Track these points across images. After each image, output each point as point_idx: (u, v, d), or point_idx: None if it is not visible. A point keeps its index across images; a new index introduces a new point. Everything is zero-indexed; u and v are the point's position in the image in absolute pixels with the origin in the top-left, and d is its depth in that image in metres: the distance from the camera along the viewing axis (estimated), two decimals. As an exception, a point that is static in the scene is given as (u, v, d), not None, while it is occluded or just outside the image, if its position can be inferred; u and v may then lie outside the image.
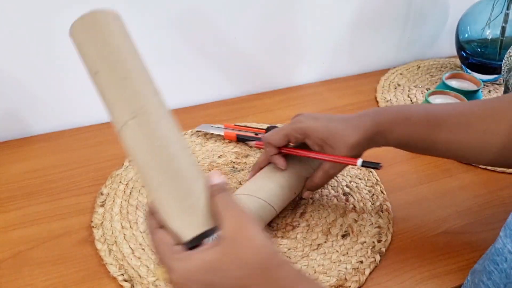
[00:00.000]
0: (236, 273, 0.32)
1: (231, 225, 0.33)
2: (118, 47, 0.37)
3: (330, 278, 0.51)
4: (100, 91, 0.37)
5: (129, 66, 0.37)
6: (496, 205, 0.61)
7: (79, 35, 0.37)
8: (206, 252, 0.33)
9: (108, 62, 0.37)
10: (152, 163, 0.36)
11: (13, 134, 0.73)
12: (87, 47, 0.37)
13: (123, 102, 0.36)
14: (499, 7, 0.83)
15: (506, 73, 0.71)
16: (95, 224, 0.57)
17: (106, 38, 0.37)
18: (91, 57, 0.37)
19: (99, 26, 0.37)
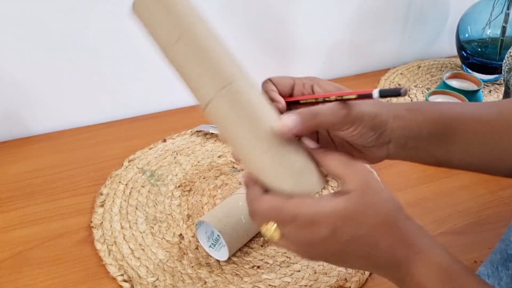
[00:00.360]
0: (369, 221, 0.32)
1: (356, 180, 0.33)
2: (191, 13, 0.35)
3: (330, 278, 0.51)
4: (180, 63, 0.35)
5: (205, 32, 0.35)
6: (497, 205, 0.61)
7: (147, 8, 0.35)
8: (335, 202, 0.32)
9: (187, 27, 0.35)
10: (254, 131, 0.34)
11: (12, 134, 0.73)
12: (159, 18, 0.35)
13: (211, 69, 0.34)
14: (499, 7, 0.82)
15: (506, 73, 0.71)
16: (95, 224, 0.57)
17: (177, 5, 0.35)
18: (166, 27, 0.35)
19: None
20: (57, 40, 0.68)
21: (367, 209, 0.32)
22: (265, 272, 0.51)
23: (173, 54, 0.35)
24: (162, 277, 0.50)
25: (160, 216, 0.58)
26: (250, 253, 0.54)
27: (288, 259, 0.53)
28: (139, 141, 0.72)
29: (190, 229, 0.56)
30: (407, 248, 0.32)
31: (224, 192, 0.62)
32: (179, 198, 0.61)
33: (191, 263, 0.52)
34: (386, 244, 0.32)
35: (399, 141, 0.39)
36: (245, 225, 0.52)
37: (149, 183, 0.63)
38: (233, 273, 0.51)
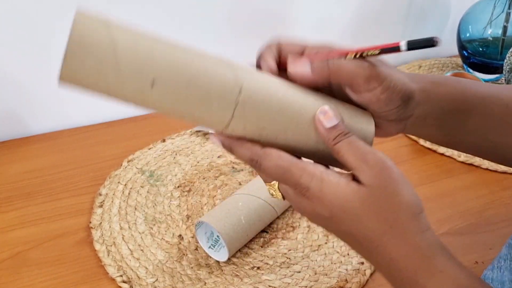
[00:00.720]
0: (369, 225, 0.30)
1: (370, 175, 0.29)
2: (144, 41, 0.28)
3: (331, 279, 0.50)
4: (170, 106, 0.29)
5: (178, 53, 0.29)
6: (498, 206, 0.61)
7: (85, 68, 0.27)
8: (344, 187, 0.30)
9: (157, 61, 0.28)
10: (283, 128, 0.32)
11: (11, 134, 0.73)
12: (109, 71, 0.27)
13: (212, 95, 0.29)
14: (500, 6, 0.82)
15: (507, 73, 0.71)
16: (94, 224, 0.56)
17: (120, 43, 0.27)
18: (129, 76, 0.27)
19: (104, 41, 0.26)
20: (57, 40, 0.68)
21: (373, 213, 0.29)
22: (265, 273, 0.51)
23: (153, 101, 0.29)
24: (162, 278, 0.50)
25: (159, 216, 0.58)
26: (250, 254, 0.53)
27: (288, 260, 0.53)
28: (138, 141, 0.71)
29: (190, 229, 0.56)
30: (419, 261, 0.29)
31: (224, 192, 0.62)
32: (178, 198, 0.61)
33: (190, 264, 0.52)
34: (393, 254, 0.30)
35: (420, 116, 0.35)
36: (245, 225, 0.52)
37: (148, 184, 0.63)
38: (233, 274, 0.51)
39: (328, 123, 0.31)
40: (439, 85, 0.36)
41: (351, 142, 0.31)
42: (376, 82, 0.31)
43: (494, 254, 0.51)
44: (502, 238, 0.55)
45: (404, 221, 0.30)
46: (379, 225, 0.30)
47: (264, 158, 0.32)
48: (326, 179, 0.30)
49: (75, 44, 0.26)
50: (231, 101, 0.30)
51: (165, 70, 0.28)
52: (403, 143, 0.73)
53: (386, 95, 0.32)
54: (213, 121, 0.31)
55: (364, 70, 0.31)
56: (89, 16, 0.27)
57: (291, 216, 0.58)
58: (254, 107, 0.31)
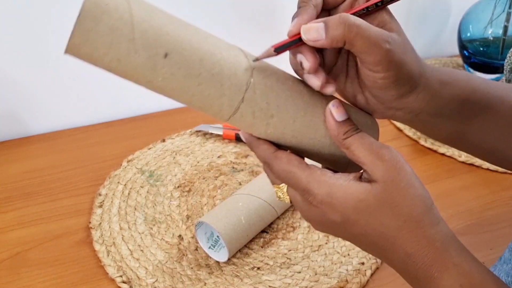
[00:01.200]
0: (385, 221, 0.29)
1: (383, 170, 0.29)
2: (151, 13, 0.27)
3: (331, 279, 0.50)
4: (176, 81, 0.28)
5: (189, 31, 0.28)
6: (499, 206, 0.60)
7: (96, 41, 0.26)
8: (355, 188, 0.30)
9: (174, 40, 0.27)
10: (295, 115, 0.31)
11: (10, 134, 0.73)
12: (122, 43, 0.26)
13: (222, 81, 0.28)
14: (501, 6, 0.82)
15: (508, 73, 0.70)
16: (93, 225, 0.56)
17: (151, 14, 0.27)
18: (141, 53, 0.26)
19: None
20: (56, 40, 0.68)
21: (386, 209, 0.29)
22: (265, 274, 0.51)
23: (163, 76, 0.28)
24: (161, 278, 0.50)
25: (159, 216, 0.58)
26: (250, 254, 0.53)
27: (288, 260, 0.53)
28: (138, 141, 0.71)
29: (190, 230, 0.56)
30: (434, 255, 0.29)
31: (224, 192, 0.62)
32: (178, 198, 0.61)
33: (190, 264, 0.52)
34: (409, 249, 0.30)
35: (412, 111, 0.33)
36: (245, 226, 0.51)
37: (148, 184, 0.63)
38: (233, 274, 0.51)
39: (339, 116, 0.31)
40: (447, 86, 0.34)
41: (363, 137, 0.30)
42: (382, 68, 0.30)
43: (495, 254, 0.51)
44: (503, 238, 0.55)
45: (418, 214, 0.29)
46: (394, 220, 0.29)
47: (274, 161, 0.32)
48: (336, 183, 0.30)
49: (90, 7, 0.25)
50: (243, 83, 0.29)
51: (180, 43, 0.27)
52: (404, 143, 0.72)
53: (385, 83, 0.31)
54: (223, 103, 0.29)
55: (376, 54, 0.29)
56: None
57: (291, 216, 0.58)
58: (264, 92, 0.30)
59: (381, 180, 0.29)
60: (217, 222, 0.50)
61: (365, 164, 0.30)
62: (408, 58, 0.31)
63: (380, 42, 0.29)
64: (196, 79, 0.28)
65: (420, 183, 0.31)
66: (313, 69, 0.30)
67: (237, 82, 0.29)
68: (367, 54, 0.29)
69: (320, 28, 0.29)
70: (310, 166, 0.31)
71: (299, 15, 0.30)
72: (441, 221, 0.31)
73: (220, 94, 0.29)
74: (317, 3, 0.31)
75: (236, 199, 0.54)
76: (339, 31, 0.28)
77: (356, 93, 0.34)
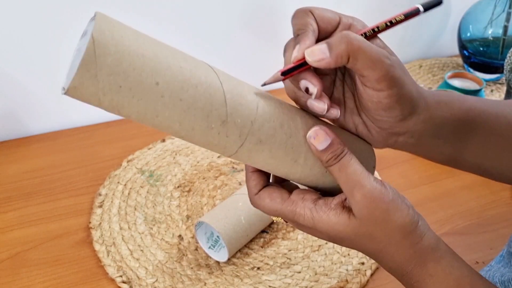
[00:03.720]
0: (366, 246, 0.32)
1: (357, 208, 0.30)
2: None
3: (331, 279, 0.50)
4: (174, 122, 0.28)
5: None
6: (499, 206, 0.60)
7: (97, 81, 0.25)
8: (335, 221, 0.31)
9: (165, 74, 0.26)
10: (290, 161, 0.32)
11: (10, 134, 0.73)
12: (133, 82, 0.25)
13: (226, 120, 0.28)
14: (501, 6, 0.82)
15: (508, 72, 0.70)
16: (93, 225, 0.56)
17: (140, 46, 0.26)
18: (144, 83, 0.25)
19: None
20: (56, 40, 0.68)
21: (367, 238, 0.31)
22: (265, 274, 0.51)
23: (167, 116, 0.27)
24: (161, 278, 0.50)
25: (159, 216, 0.58)
26: (250, 254, 0.53)
27: (288, 260, 0.53)
28: (138, 141, 0.71)
29: (190, 230, 0.56)
30: (413, 269, 0.32)
31: (224, 192, 0.62)
32: (178, 198, 0.60)
33: (190, 264, 0.51)
34: (390, 265, 0.32)
35: (413, 135, 0.34)
36: (245, 226, 0.51)
37: (148, 184, 0.63)
38: (233, 274, 0.51)
39: (320, 145, 0.31)
40: (444, 106, 0.34)
41: (341, 168, 0.31)
42: (385, 85, 0.30)
43: (495, 254, 0.51)
44: (503, 238, 0.55)
45: (396, 241, 0.31)
46: (374, 246, 0.32)
47: (258, 201, 0.33)
48: (316, 216, 0.32)
49: (96, 44, 0.24)
50: (243, 132, 0.29)
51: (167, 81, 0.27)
52: (404, 143, 0.72)
53: (389, 101, 0.31)
54: (215, 148, 0.30)
55: (385, 66, 0.29)
56: (107, 17, 0.26)
57: (291, 216, 0.58)
58: (262, 142, 0.30)
59: (358, 216, 0.31)
60: (217, 222, 0.50)
61: (345, 195, 0.32)
62: (406, 77, 0.31)
63: (382, 57, 0.29)
64: (210, 129, 0.28)
65: (401, 211, 0.31)
66: (320, 92, 0.31)
67: (227, 145, 0.29)
68: (370, 69, 0.29)
69: (324, 48, 0.29)
70: (293, 200, 0.32)
71: (301, 40, 0.31)
72: (424, 236, 0.32)
73: (227, 134, 0.29)
74: (314, 29, 0.32)
75: (236, 199, 0.53)
76: (343, 48, 0.29)
77: (356, 124, 0.34)
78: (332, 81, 0.35)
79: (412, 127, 0.33)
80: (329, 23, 0.32)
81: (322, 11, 0.32)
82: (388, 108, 0.31)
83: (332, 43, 0.29)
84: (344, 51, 0.29)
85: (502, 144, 0.37)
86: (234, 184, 0.63)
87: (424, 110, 0.33)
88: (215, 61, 0.91)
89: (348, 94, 0.34)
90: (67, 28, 0.68)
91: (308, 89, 0.31)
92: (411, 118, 0.32)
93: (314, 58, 0.29)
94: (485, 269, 0.47)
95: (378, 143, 0.35)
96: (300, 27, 0.31)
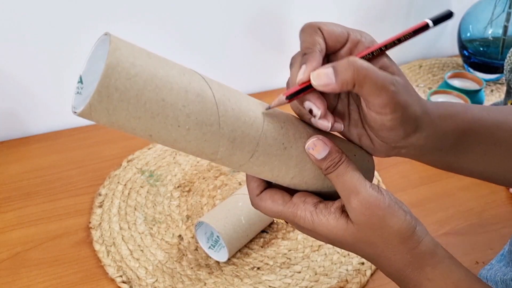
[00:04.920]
0: (364, 251, 0.33)
1: (354, 214, 0.31)
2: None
3: (331, 279, 0.50)
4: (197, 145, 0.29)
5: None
6: (499, 206, 0.60)
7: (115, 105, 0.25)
8: (334, 225, 0.32)
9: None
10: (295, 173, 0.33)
11: (10, 134, 0.73)
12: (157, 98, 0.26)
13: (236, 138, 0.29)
14: (501, 6, 0.82)
15: (508, 72, 0.70)
16: (93, 225, 0.56)
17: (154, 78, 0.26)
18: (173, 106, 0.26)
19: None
20: (56, 40, 0.68)
21: (364, 243, 0.32)
22: (265, 274, 0.51)
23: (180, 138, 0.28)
24: (161, 278, 0.50)
25: (159, 216, 0.58)
26: (250, 254, 0.53)
27: (288, 260, 0.53)
28: (138, 141, 0.71)
29: (190, 230, 0.56)
30: (411, 274, 0.32)
31: (224, 192, 0.62)
32: (178, 198, 0.60)
33: (190, 264, 0.51)
34: (388, 269, 0.33)
35: (416, 148, 0.34)
36: (244, 226, 0.51)
37: (148, 184, 0.63)
38: (233, 274, 0.51)
39: (318, 155, 0.32)
40: (448, 119, 0.35)
41: (338, 175, 0.32)
42: (389, 110, 0.30)
43: (495, 254, 0.51)
44: (503, 238, 0.55)
45: (393, 247, 0.32)
46: (371, 251, 0.32)
47: (260, 203, 0.34)
48: (316, 220, 0.32)
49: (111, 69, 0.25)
50: (249, 150, 0.30)
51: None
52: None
53: (393, 124, 0.31)
54: (237, 159, 0.31)
55: (385, 96, 0.30)
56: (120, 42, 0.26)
57: (291, 216, 0.58)
58: (267, 158, 0.31)
59: (355, 221, 0.31)
60: (217, 222, 0.50)
61: (343, 201, 0.32)
62: (411, 99, 0.31)
63: (387, 85, 0.29)
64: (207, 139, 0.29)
65: (398, 217, 0.31)
66: (324, 113, 0.31)
67: (250, 139, 0.30)
68: (375, 96, 0.30)
69: (330, 73, 0.29)
70: (294, 202, 0.33)
71: (308, 61, 0.31)
72: (422, 241, 0.32)
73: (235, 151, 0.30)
74: (322, 48, 0.31)
75: (236, 199, 0.53)
76: (349, 75, 0.29)
77: (360, 135, 0.35)
78: (337, 93, 0.35)
79: (415, 142, 0.33)
80: (337, 41, 0.32)
81: (331, 27, 0.32)
82: (392, 129, 0.31)
83: (339, 69, 0.29)
84: (350, 79, 0.29)
85: (505, 151, 0.37)
86: (234, 184, 0.63)
87: (428, 126, 0.33)
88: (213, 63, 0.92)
89: (353, 106, 0.35)
90: (67, 28, 0.68)
91: (312, 110, 0.31)
92: (414, 135, 0.33)
93: (319, 83, 0.30)
94: (486, 268, 0.48)
95: (380, 153, 0.35)
96: (308, 45, 0.31)
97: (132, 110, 0.26)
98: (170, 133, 0.27)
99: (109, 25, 0.70)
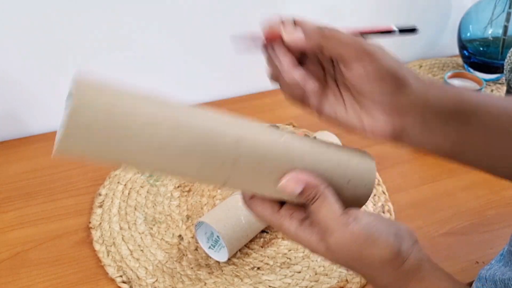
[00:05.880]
0: (351, 266, 0.34)
1: (333, 247, 0.33)
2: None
3: (331, 279, 0.50)
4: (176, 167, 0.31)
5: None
6: (499, 206, 0.60)
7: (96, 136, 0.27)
8: (315, 245, 0.34)
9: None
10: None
11: (10, 134, 0.73)
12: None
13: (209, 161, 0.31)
14: (501, 6, 0.82)
15: (508, 72, 0.70)
16: (94, 225, 0.56)
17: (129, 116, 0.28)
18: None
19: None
20: (56, 40, 0.68)
21: (346, 264, 0.34)
22: (265, 273, 0.51)
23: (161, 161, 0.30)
24: (161, 278, 0.50)
25: (159, 216, 0.58)
26: (250, 254, 0.53)
27: (288, 260, 0.53)
28: (138, 141, 0.71)
29: (190, 230, 0.56)
30: (404, 286, 0.33)
31: (224, 192, 0.62)
32: (178, 198, 0.60)
33: (190, 264, 0.51)
34: (381, 282, 0.34)
35: (419, 112, 0.33)
36: (245, 226, 0.51)
37: (148, 184, 0.63)
38: (233, 274, 0.51)
39: (293, 193, 0.33)
40: (435, 83, 0.35)
41: (314, 211, 0.33)
42: (366, 55, 0.31)
43: (495, 254, 0.51)
44: (503, 238, 0.55)
45: (376, 269, 0.33)
46: (355, 270, 0.34)
47: (250, 205, 0.36)
48: (300, 235, 0.34)
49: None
50: (225, 172, 0.32)
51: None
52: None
53: (377, 70, 0.31)
54: (205, 182, 0.34)
55: (357, 42, 0.31)
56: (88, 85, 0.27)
57: (291, 216, 0.58)
58: (249, 171, 0.33)
59: (334, 251, 0.33)
60: (217, 222, 0.50)
61: (329, 229, 0.33)
62: (383, 53, 0.32)
63: (351, 37, 0.32)
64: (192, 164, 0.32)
65: (379, 243, 0.32)
66: (290, 64, 0.34)
67: (214, 180, 0.33)
68: (347, 45, 0.32)
69: (299, 30, 0.33)
70: (282, 214, 0.34)
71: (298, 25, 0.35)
72: (407, 259, 0.33)
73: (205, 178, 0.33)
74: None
75: (236, 199, 0.53)
76: (318, 32, 0.33)
77: (361, 117, 0.35)
78: (324, 79, 0.36)
79: (413, 100, 0.33)
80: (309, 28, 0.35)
81: (304, 20, 0.35)
82: (380, 78, 0.32)
83: (307, 28, 0.33)
84: (317, 35, 0.32)
85: (503, 131, 0.36)
86: (234, 184, 0.63)
87: (416, 83, 0.33)
88: (213, 63, 0.91)
89: (345, 92, 0.35)
90: (68, 28, 0.68)
91: (280, 61, 0.35)
92: (405, 90, 0.33)
93: (291, 38, 0.33)
94: (486, 268, 0.47)
95: (386, 131, 0.34)
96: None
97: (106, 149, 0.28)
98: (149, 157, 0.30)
99: (109, 25, 0.70)
